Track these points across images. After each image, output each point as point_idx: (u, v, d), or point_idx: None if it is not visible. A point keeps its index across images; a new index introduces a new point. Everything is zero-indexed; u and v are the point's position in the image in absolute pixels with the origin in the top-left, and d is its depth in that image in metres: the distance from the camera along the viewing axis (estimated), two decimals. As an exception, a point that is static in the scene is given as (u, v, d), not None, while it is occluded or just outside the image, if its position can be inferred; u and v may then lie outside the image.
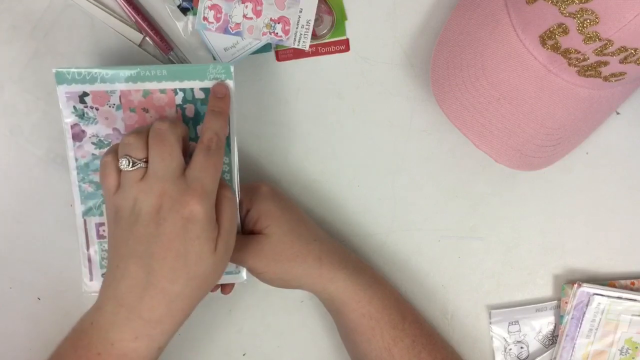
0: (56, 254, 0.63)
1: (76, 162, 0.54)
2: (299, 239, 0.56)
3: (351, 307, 0.56)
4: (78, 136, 0.54)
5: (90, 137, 0.54)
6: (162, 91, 0.53)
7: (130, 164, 0.47)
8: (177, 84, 0.53)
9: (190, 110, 0.53)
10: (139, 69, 0.52)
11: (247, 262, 0.54)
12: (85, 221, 0.55)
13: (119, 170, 0.48)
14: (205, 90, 0.53)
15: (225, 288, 0.58)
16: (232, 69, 0.53)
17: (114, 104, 0.53)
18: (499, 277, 0.64)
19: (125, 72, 0.52)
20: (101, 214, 0.55)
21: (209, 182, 0.48)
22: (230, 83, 0.53)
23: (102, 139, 0.54)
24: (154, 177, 0.47)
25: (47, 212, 0.63)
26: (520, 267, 0.64)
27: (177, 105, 0.53)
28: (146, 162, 0.48)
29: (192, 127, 0.54)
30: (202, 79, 0.53)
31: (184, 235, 0.46)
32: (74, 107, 0.53)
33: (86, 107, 0.53)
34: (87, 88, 0.53)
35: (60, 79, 0.52)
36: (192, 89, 0.53)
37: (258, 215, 0.55)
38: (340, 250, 0.58)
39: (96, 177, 0.54)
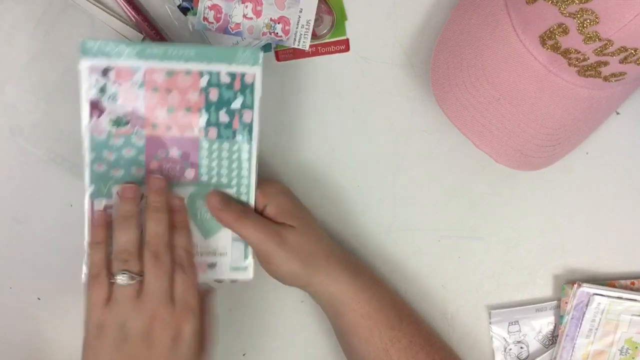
0: (56, 254, 0.64)
1: (91, 140, 0.53)
2: (314, 235, 0.56)
3: (351, 307, 0.56)
4: (97, 111, 0.52)
5: (109, 114, 0.52)
6: (188, 72, 0.52)
7: (128, 280, 0.48)
8: (204, 66, 0.52)
9: (214, 94, 0.53)
10: (167, 47, 0.52)
11: (275, 249, 0.53)
12: (93, 203, 0.53)
13: (110, 282, 0.49)
14: (231, 75, 0.53)
15: None
16: (261, 54, 0.52)
17: (137, 82, 0.52)
18: (499, 277, 0.64)
19: (153, 50, 0.52)
20: (110, 197, 0.54)
21: (193, 300, 0.49)
22: (258, 69, 0.53)
23: (120, 116, 0.53)
24: (148, 297, 0.48)
25: (47, 212, 0.63)
26: (520, 267, 0.64)
27: (202, 89, 0.53)
28: (141, 275, 0.49)
29: (215, 111, 0.53)
30: (229, 63, 0.52)
31: (173, 355, 0.48)
32: (96, 80, 0.52)
33: (108, 81, 0.52)
34: (111, 62, 0.52)
35: (86, 50, 0.52)
36: (218, 73, 0.52)
37: (278, 210, 0.55)
38: (342, 251, 0.59)
39: (110, 156, 0.53)
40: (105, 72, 0.52)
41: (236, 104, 0.53)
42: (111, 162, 0.53)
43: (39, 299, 0.64)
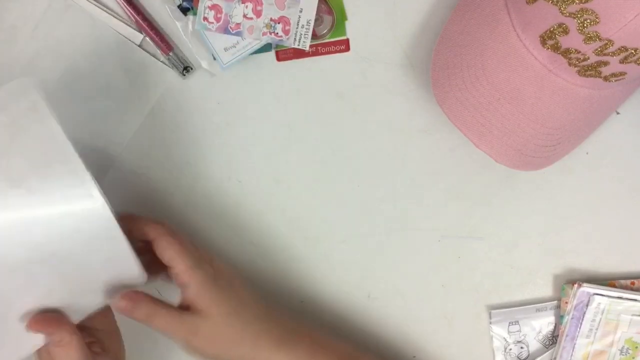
0: (56, 254, 0.63)
1: None
2: (238, 321, 0.54)
3: None
4: None
5: None
6: None
7: None
8: None
9: None
10: None
11: (184, 340, 0.53)
12: None
13: None
14: None
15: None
16: None
17: None
18: (499, 277, 0.64)
19: None
20: None
21: None
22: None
23: None
24: None
25: (47, 212, 0.63)
26: (520, 267, 0.64)
27: None
28: None
29: None
30: None
31: None
32: None
33: None
34: None
35: None
36: None
37: (198, 294, 0.53)
38: (280, 326, 0.56)
39: None
40: None
41: None
42: None
43: (38, 299, 0.64)
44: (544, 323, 0.63)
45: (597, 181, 0.63)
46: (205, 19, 0.58)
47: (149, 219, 0.54)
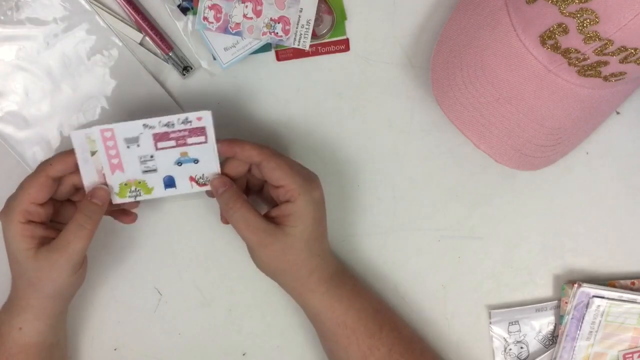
0: (56, 254, 0.63)
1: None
2: (307, 250, 0.55)
3: (326, 316, 0.57)
4: None
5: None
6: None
7: None
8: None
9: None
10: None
11: (257, 245, 0.55)
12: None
13: None
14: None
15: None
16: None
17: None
18: (499, 277, 0.64)
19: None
20: None
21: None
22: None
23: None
24: None
25: (47, 212, 0.63)
26: (520, 267, 0.64)
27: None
28: None
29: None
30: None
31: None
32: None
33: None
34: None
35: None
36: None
37: (294, 212, 0.54)
38: (333, 265, 0.58)
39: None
40: None
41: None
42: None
43: (38, 298, 0.64)
44: (544, 323, 0.63)
45: (597, 181, 0.63)
46: (205, 18, 0.58)
47: (254, 143, 0.55)
